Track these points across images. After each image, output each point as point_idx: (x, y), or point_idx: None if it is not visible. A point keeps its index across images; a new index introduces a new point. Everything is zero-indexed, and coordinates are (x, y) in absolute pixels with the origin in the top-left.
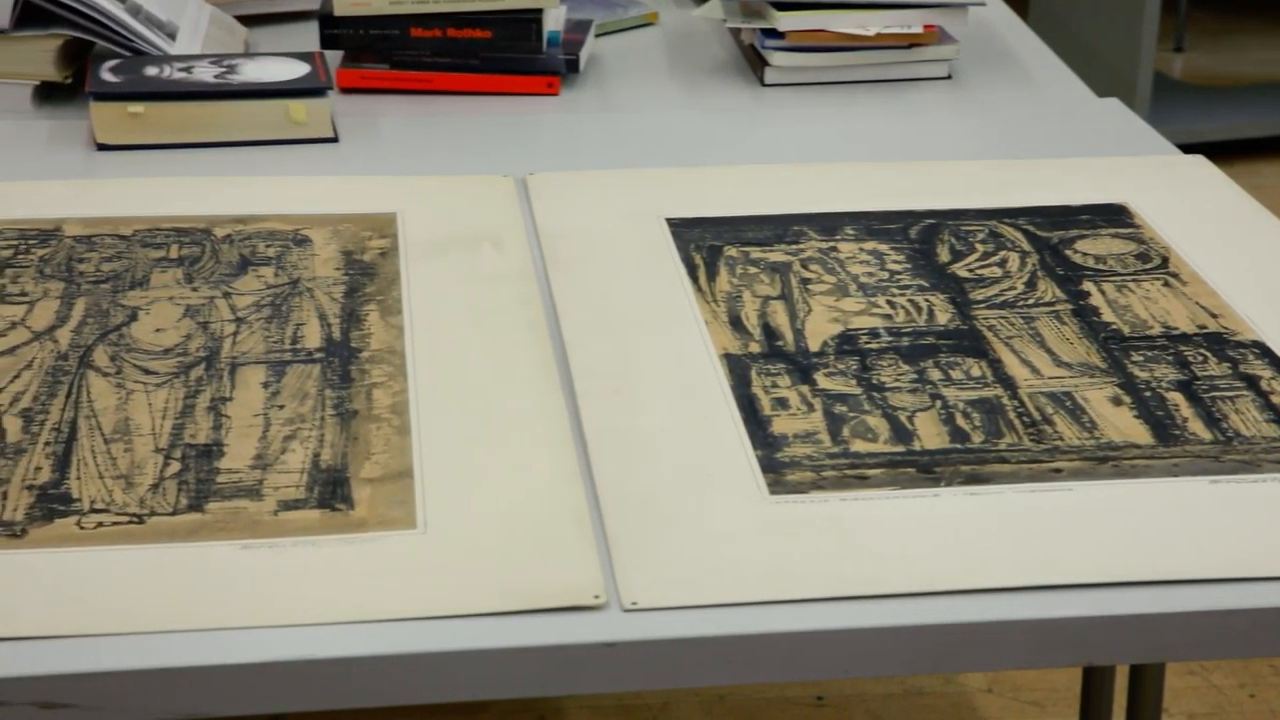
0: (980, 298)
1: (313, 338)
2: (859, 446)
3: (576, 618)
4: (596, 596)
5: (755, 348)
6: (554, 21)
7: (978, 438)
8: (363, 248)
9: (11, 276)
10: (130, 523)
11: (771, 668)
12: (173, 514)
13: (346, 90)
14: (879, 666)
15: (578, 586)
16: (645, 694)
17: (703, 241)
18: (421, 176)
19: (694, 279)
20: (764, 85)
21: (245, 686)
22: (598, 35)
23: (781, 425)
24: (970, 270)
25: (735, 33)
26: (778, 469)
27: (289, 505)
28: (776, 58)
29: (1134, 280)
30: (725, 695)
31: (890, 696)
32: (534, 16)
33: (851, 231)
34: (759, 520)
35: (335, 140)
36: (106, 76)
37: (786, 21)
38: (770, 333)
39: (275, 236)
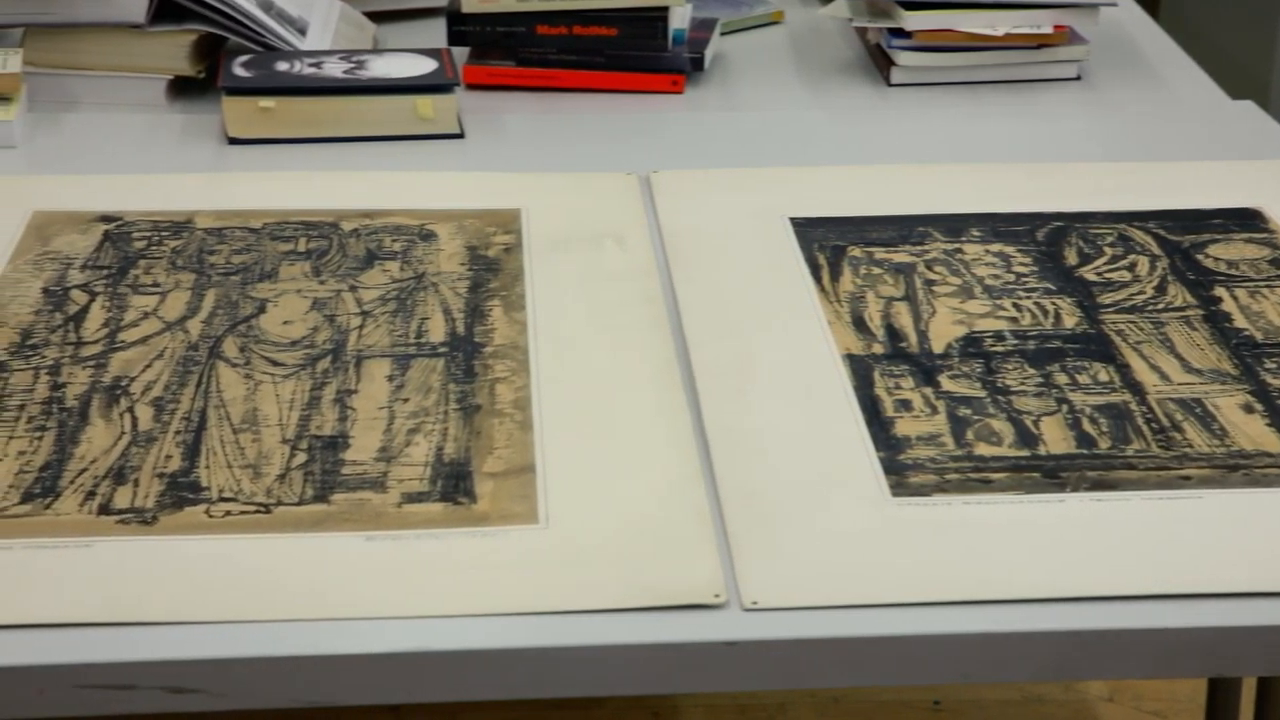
0: (1108, 302)
1: (437, 332)
2: (983, 450)
3: (696, 616)
4: (717, 595)
5: (878, 349)
6: (679, 19)
7: (1105, 443)
8: (487, 243)
9: (145, 267)
10: (257, 512)
11: (891, 670)
12: (298, 504)
13: (473, 87)
14: (1000, 672)
15: (698, 585)
16: (760, 694)
17: (826, 241)
18: (546, 173)
19: (817, 278)
20: (890, 85)
21: (367, 676)
22: (723, 34)
23: (904, 427)
24: (1098, 274)
25: (861, 32)
26: (900, 471)
27: (412, 498)
28: (903, 57)
29: (1267, 286)
30: (840, 697)
31: (1008, 703)
32: (660, 14)
33: (977, 233)
34: (881, 522)
35: (461, 136)
36: (238, 71)
37: (914, 21)
38: (894, 334)
39: (401, 231)
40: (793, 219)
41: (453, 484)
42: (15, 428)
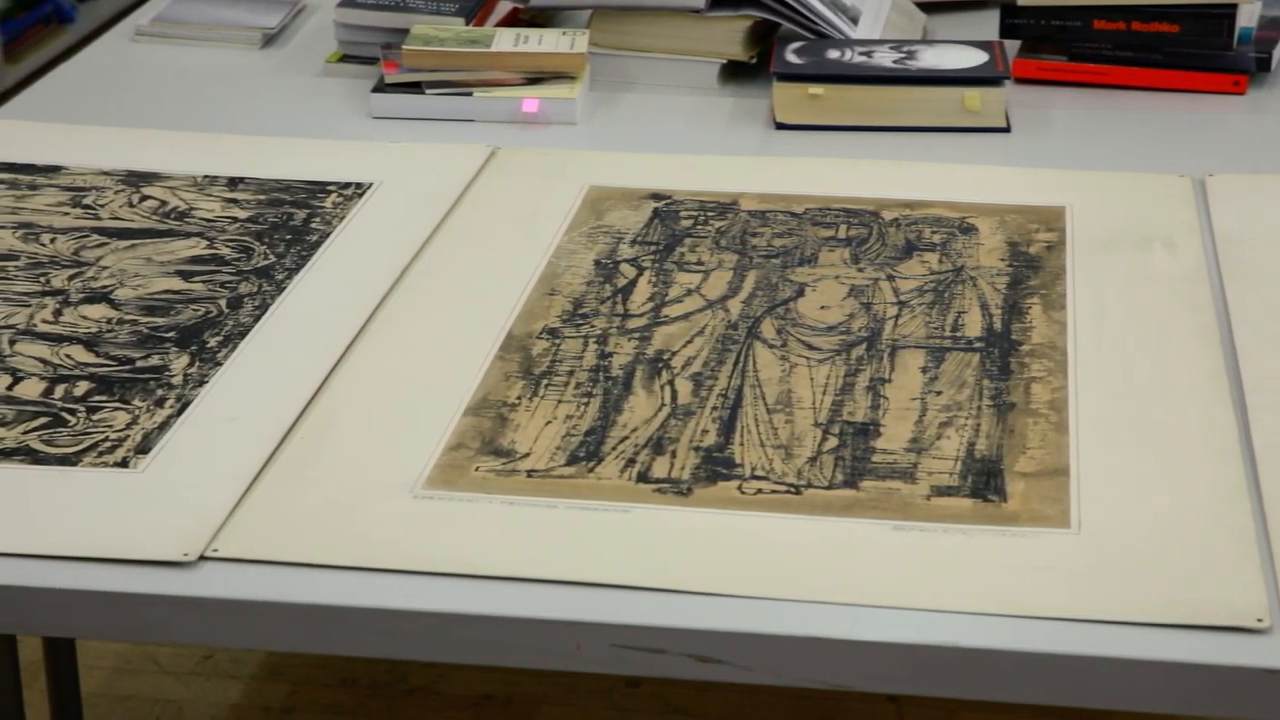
0: None
1: (973, 326)
2: None
3: (1235, 639)
4: (1260, 620)
5: None
6: (1247, 17)
7: None
8: (1029, 240)
9: (690, 245)
10: (787, 492)
11: None
12: (828, 488)
13: (1021, 80)
14: None
15: (1239, 606)
16: None
17: None
18: (1093, 171)
19: None
20: None
21: (884, 664)
22: None
23: None
24: None
25: None
26: None
27: (941, 491)
28: None
29: None
30: None
31: None
32: (1227, 12)
33: None
34: None
35: (1007, 130)
36: (790, 58)
37: None
38: None
39: (941, 223)
40: None
41: (983, 481)
42: (564, 392)
